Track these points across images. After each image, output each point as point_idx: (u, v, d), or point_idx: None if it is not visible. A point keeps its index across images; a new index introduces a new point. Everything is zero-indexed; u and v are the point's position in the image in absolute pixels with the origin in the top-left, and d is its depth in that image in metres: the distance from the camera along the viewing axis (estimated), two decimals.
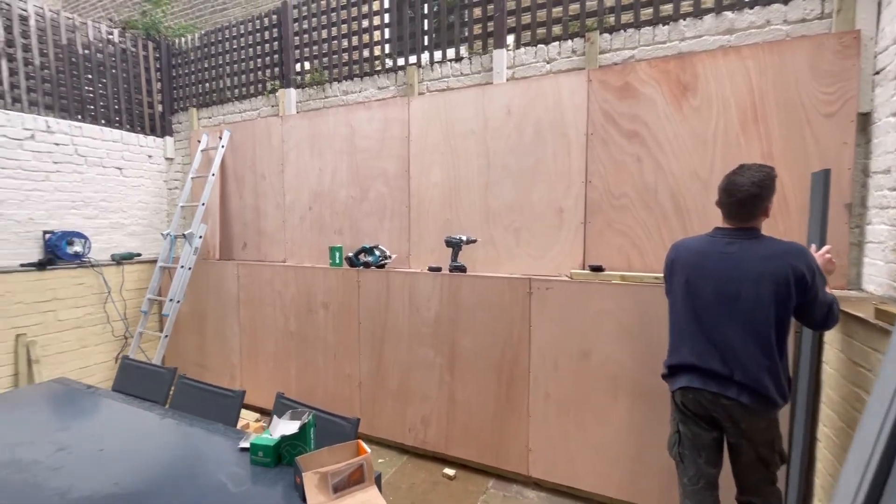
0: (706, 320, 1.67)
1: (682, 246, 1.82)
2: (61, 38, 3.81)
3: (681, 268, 1.77)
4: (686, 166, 2.41)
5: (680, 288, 1.75)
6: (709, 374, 1.65)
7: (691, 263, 1.73)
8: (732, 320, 1.61)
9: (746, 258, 1.62)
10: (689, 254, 1.76)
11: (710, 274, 1.67)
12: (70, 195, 3.81)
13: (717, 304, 1.64)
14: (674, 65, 2.40)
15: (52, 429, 1.84)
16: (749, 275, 1.59)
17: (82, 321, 3.80)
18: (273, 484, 1.48)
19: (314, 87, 3.74)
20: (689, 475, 1.73)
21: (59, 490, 1.41)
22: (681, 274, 1.76)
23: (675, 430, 1.80)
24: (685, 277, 1.74)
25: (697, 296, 1.69)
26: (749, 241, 1.64)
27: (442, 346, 2.85)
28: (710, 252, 1.69)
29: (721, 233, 1.72)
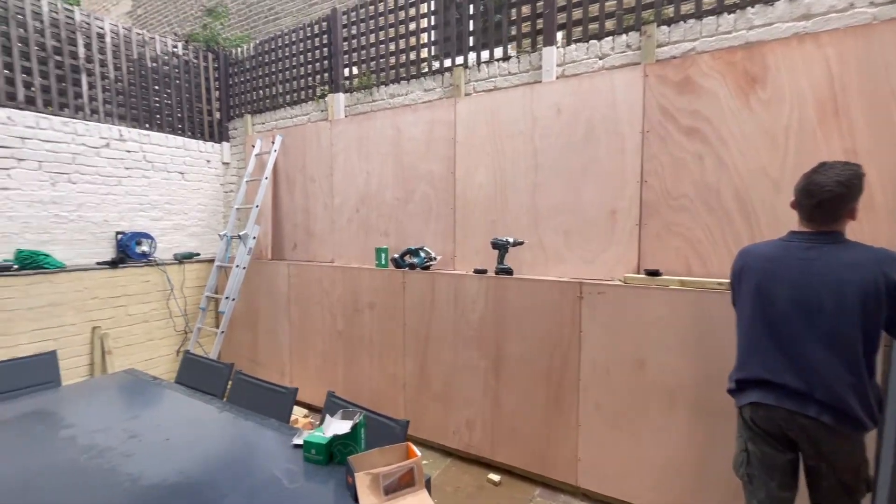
0: (781, 332, 1.54)
1: (751, 252, 1.69)
2: (133, 53, 4.10)
3: (751, 276, 1.64)
4: (753, 164, 2.24)
5: (750, 297, 1.63)
6: (784, 391, 1.52)
7: (763, 271, 1.61)
8: (811, 333, 1.47)
9: (828, 265, 1.48)
10: (760, 261, 1.63)
11: (785, 282, 1.54)
12: (139, 198, 4.09)
13: (793, 315, 1.51)
14: (741, 56, 2.25)
15: (124, 417, 1.96)
16: (831, 283, 1.45)
17: (148, 316, 4.06)
18: (325, 482, 1.50)
19: (362, 92, 3.81)
20: (759, 498, 1.60)
21: (131, 476, 1.50)
22: (751, 282, 1.63)
23: (743, 449, 1.67)
24: (756, 286, 1.61)
25: (770, 306, 1.56)
26: (831, 247, 1.50)
27: (487, 350, 2.81)
28: (786, 258, 1.56)
29: (798, 237, 1.58)
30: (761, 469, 1.60)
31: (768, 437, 1.58)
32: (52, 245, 3.55)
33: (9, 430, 1.84)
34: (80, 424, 1.87)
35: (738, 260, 1.72)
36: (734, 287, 1.73)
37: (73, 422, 1.90)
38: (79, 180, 3.69)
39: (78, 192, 3.68)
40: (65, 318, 3.53)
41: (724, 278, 2.24)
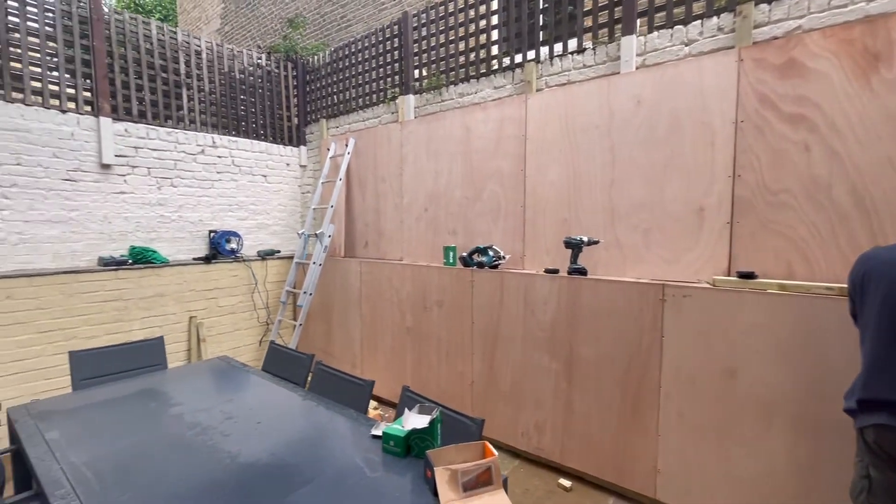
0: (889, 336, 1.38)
1: (876, 258, 1.50)
2: (224, 67, 4.48)
3: (878, 284, 1.45)
4: (874, 155, 1.97)
5: (877, 308, 1.44)
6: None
7: (875, 270, 1.46)
8: None
9: None
10: (886, 266, 1.45)
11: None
12: (228, 200, 4.46)
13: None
14: (859, 31, 1.98)
15: (221, 399, 2.15)
16: None
17: (235, 308, 4.42)
18: (403, 473, 1.54)
19: (431, 92, 3.87)
20: None
21: (230, 454, 1.63)
22: (879, 292, 1.44)
23: (865, 475, 1.48)
24: (885, 296, 1.42)
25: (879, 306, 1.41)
26: None
27: (559, 352, 2.74)
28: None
29: None
30: (887, 498, 1.42)
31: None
32: (158, 242, 3.98)
33: (128, 405, 2.09)
34: (186, 403, 2.07)
35: (860, 266, 1.54)
36: (856, 296, 1.54)
37: (179, 401, 2.11)
38: (179, 184, 4.10)
39: (178, 194, 4.09)
40: (167, 308, 3.94)
41: (832, 282, 2.01)
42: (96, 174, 3.61)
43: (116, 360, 2.58)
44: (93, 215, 3.60)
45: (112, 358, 2.57)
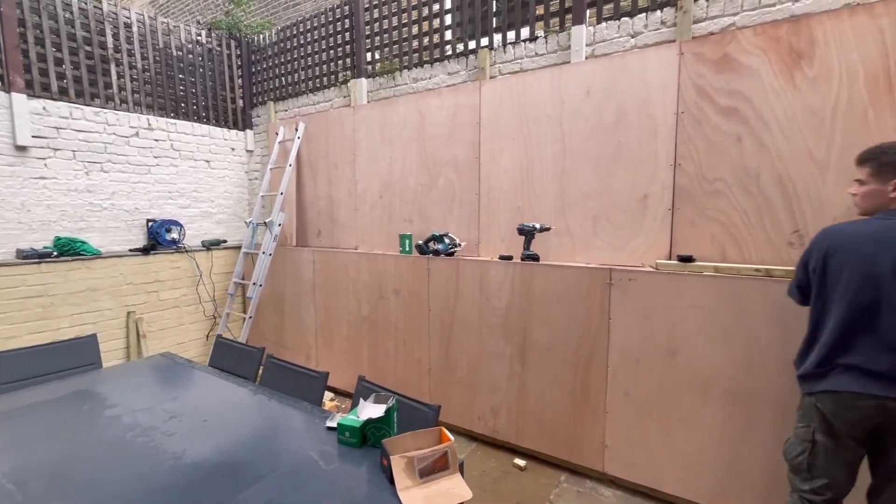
0: (879, 316, 1.45)
1: (840, 232, 1.57)
2: (158, 42, 4.14)
3: (842, 257, 1.52)
4: (797, 147, 2.14)
5: (842, 278, 1.51)
6: (873, 376, 1.44)
7: (859, 252, 1.49)
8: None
9: None
10: (854, 240, 1.52)
11: (886, 263, 1.44)
12: (167, 186, 4.18)
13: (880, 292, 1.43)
14: (785, 30, 2.13)
15: (164, 398, 2.03)
16: None
17: (179, 301, 4.18)
18: (359, 464, 1.52)
19: (384, 76, 3.78)
20: (814, 486, 1.55)
21: (174, 454, 1.55)
22: (842, 263, 1.52)
23: (808, 440, 1.58)
24: (849, 267, 1.50)
25: (867, 288, 1.46)
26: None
27: (513, 337, 2.80)
28: (887, 238, 1.46)
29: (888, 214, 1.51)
30: (829, 462, 1.54)
31: (849, 429, 1.50)
32: (88, 232, 3.66)
33: (57, 408, 1.93)
34: (124, 404, 1.94)
35: (823, 239, 1.59)
36: (811, 269, 1.60)
37: (116, 402, 1.97)
38: (111, 169, 3.78)
39: (110, 180, 3.78)
40: (102, 303, 3.66)
41: (760, 264, 2.17)
42: (10, 157, 3.26)
43: (42, 360, 2.36)
44: (7, 203, 3.25)
45: (37, 359, 2.35)
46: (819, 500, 1.55)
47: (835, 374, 1.51)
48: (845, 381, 1.48)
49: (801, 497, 1.59)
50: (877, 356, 1.44)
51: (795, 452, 1.63)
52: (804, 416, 1.62)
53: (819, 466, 1.56)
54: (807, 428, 1.60)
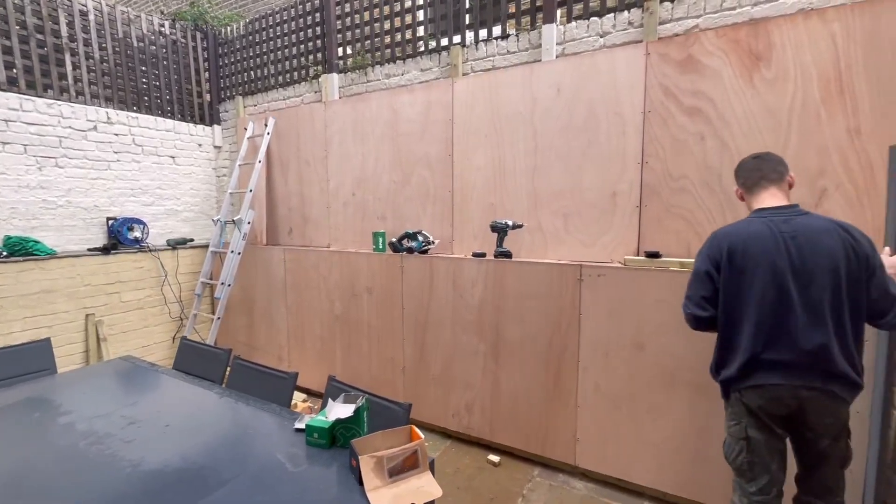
0: (783, 310, 1.49)
1: (732, 233, 1.59)
2: (118, 32, 3.96)
3: (741, 255, 1.55)
4: (756, 145, 2.21)
5: (745, 279, 1.54)
6: (789, 366, 1.49)
7: (754, 251, 1.53)
8: (809, 306, 1.46)
9: (808, 236, 1.48)
10: (747, 240, 1.54)
11: (778, 259, 1.49)
12: (129, 183, 4.00)
13: (790, 291, 1.48)
14: (745, 33, 2.20)
15: (123, 403, 1.94)
16: (816, 253, 1.46)
17: (143, 302, 4.02)
18: (328, 465, 1.50)
19: (356, 72, 3.72)
20: (760, 485, 1.58)
21: (132, 462, 1.48)
22: (743, 264, 1.54)
23: (742, 437, 1.60)
24: (751, 267, 1.53)
25: (769, 285, 1.50)
26: (802, 217, 1.52)
27: (486, 333, 2.81)
28: (772, 236, 1.51)
29: (770, 212, 1.56)
30: (763, 455, 1.58)
31: (773, 420, 1.55)
32: (42, 231, 3.48)
33: (6, 417, 1.82)
34: (78, 411, 1.85)
35: (720, 241, 1.60)
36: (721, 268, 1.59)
37: (70, 408, 1.88)
38: (66, 164, 3.59)
39: (66, 176, 3.59)
40: (57, 306, 3.48)
41: None
42: None
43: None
44: None
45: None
46: (767, 499, 1.58)
47: (758, 370, 1.54)
48: (766, 375, 1.52)
49: (751, 501, 1.60)
50: (787, 349, 1.49)
51: (735, 453, 1.63)
52: (733, 414, 1.64)
53: (758, 463, 1.58)
54: (738, 425, 1.62)
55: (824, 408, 1.49)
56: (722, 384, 1.66)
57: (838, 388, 1.46)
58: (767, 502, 1.58)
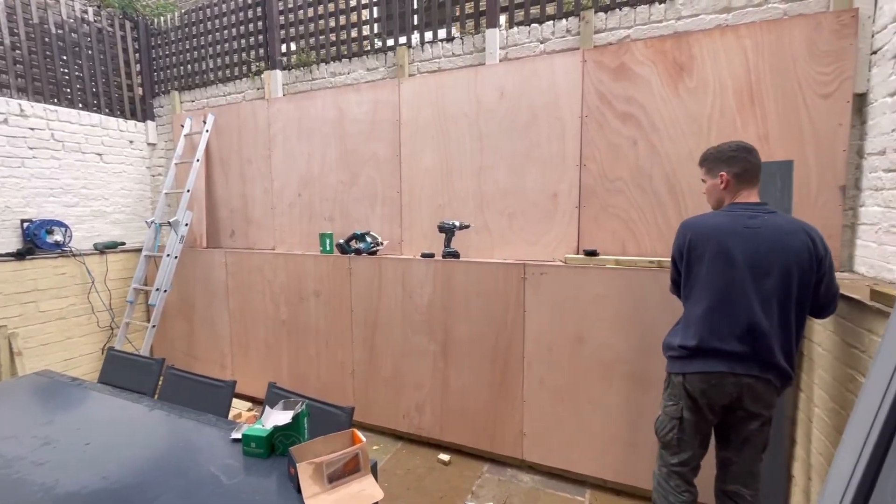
0: (733, 300, 1.57)
1: (697, 224, 1.68)
2: (32, 17, 3.62)
3: (705, 246, 1.62)
4: (682, 149, 2.38)
5: (705, 267, 1.62)
6: (732, 356, 1.58)
7: (714, 241, 1.61)
8: (757, 297, 1.55)
9: (772, 233, 1.56)
10: (709, 231, 1.63)
11: (738, 250, 1.57)
12: (48, 182, 3.68)
13: (746, 281, 1.55)
14: (670, 45, 2.36)
15: (37, 423, 1.78)
16: (777, 250, 1.54)
17: (65, 312, 3.70)
18: (266, 475, 1.45)
19: (301, 69, 3.63)
20: (682, 458, 1.72)
21: (44, 485, 1.36)
22: (706, 252, 1.62)
23: (677, 417, 1.70)
24: (713, 255, 1.61)
25: (725, 275, 1.58)
26: (770, 216, 1.59)
27: (436, 333, 2.83)
28: (734, 229, 1.59)
29: (740, 207, 1.63)
30: (692, 433, 1.70)
31: (710, 405, 1.65)
32: None
33: None
34: None
35: (685, 232, 1.70)
36: (682, 259, 1.70)
37: None
38: None
39: None
40: None
41: (656, 257, 2.39)
42: None
43: None
44: None
45: None
46: (686, 471, 1.73)
47: (703, 357, 1.62)
48: (712, 363, 1.60)
49: (670, 471, 1.74)
50: (734, 337, 1.57)
51: (666, 429, 1.73)
52: (672, 395, 1.73)
53: (685, 440, 1.71)
54: (675, 406, 1.71)
55: (760, 395, 1.59)
56: (670, 360, 1.74)
57: (774, 377, 1.57)
58: (685, 473, 1.72)
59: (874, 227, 1.93)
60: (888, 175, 1.82)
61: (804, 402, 2.03)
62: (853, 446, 1.21)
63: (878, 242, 1.88)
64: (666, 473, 1.76)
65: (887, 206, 1.82)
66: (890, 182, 1.81)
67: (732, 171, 1.66)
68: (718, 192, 1.71)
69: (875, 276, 1.90)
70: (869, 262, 1.96)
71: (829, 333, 1.82)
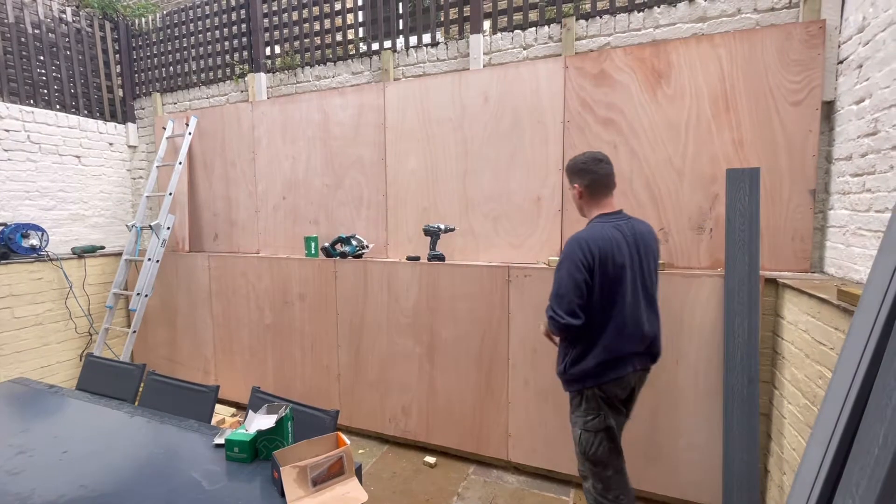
0: (632, 306, 1.67)
1: (596, 238, 1.66)
2: (7, 16, 3.54)
3: (612, 261, 1.63)
4: (660, 154, 2.44)
5: (616, 281, 1.65)
6: (638, 355, 1.73)
7: (615, 255, 1.64)
8: (642, 296, 1.72)
9: (641, 237, 1.73)
10: (611, 246, 1.64)
11: (629, 260, 1.66)
12: (24, 185, 3.59)
13: (633, 284, 1.68)
14: (649, 52, 2.42)
15: (11, 431, 1.74)
16: (648, 252, 1.74)
17: (42, 318, 3.61)
18: (250, 480, 1.44)
19: (285, 72, 3.62)
20: (616, 466, 1.75)
21: (19, 495, 1.34)
22: (613, 268, 1.64)
23: (603, 428, 1.71)
24: (618, 270, 1.64)
25: (630, 284, 1.66)
26: (633, 221, 1.77)
27: (421, 336, 2.84)
28: (617, 237, 1.66)
29: (610, 217, 1.73)
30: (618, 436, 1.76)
31: (620, 402, 1.74)
32: None
33: None
34: None
35: (590, 248, 1.63)
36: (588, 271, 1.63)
37: None
38: None
39: None
40: None
41: None
42: None
43: None
44: None
45: None
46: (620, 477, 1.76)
47: (618, 366, 1.68)
48: (623, 367, 1.69)
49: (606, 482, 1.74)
50: (639, 340, 1.70)
51: (595, 445, 1.71)
52: (590, 409, 1.72)
53: (614, 448, 1.73)
54: (598, 418, 1.71)
55: (644, 381, 1.85)
56: (577, 381, 1.72)
57: (651, 364, 1.81)
58: (621, 480, 1.76)
59: (842, 230, 2.00)
60: (855, 179, 1.90)
61: (778, 399, 2.10)
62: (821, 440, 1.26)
63: (846, 244, 1.96)
64: (603, 489, 1.74)
65: (854, 209, 1.90)
66: (856, 186, 1.88)
67: (584, 183, 1.78)
68: (578, 201, 1.84)
69: (843, 276, 1.98)
70: (838, 262, 2.04)
71: (801, 332, 1.89)
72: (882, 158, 1.69)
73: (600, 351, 1.67)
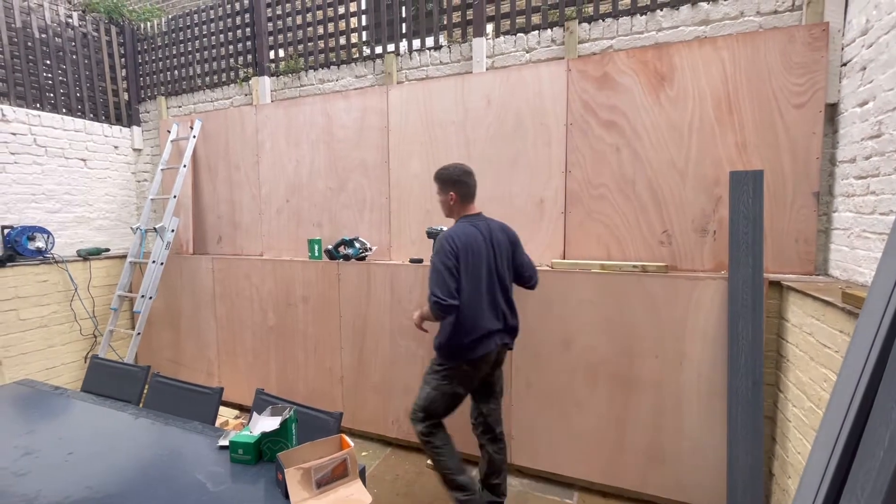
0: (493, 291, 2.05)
1: (460, 235, 2.01)
2: (14, 21, 3.58)
3: (472, 253, 2.00)
4: (663, 157, 2.44)
5: (474, 269, 2.00)
6: (496, 333, 2.06)
7: (477, 247, 2.02)
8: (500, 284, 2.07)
9: (495, 233, 2.09)
10: (471, 240, 2.01)
11: (485, 252, 2.03)
12: (30, 188, 3.62)
13: (493, 274, 2.05)
14: (651, 55, 2.42)
15: (17, 433, 1.75)
16: (500, 246, 2.08)
17: (47, 320, 3.63)
18: (254, 481, 1.45)
19: (289, 76, 3.64)
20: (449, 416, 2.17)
21: (25, 496, 1.35)
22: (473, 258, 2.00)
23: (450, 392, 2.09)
24: (476, 260, 2.00)
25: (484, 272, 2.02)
26: (490, 221, 2.13)
27: (424, 338, 2.84)
28: (476, 234, 2.03)
29: (471, 219, 2.09)
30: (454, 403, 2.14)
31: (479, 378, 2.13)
32: None
33: None
34: None
35: (456, 243, 1.99)
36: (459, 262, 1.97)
37: None
38: None
39: None
40: None
41: (638, 261, 2.44)
42: None
43: None
44: None
45: None
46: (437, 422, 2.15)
47: (483, 341, 2.02)
48: (489, 344, 2.03)
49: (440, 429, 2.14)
50: (499, 319, 2.07)
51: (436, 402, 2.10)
52: (448, 377, 2.08)
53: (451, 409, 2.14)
54: (449, 384, 2.08)
55: (505, 355, 2.23)
56: (451, 353, 2.05)
57: (511, 340, 2.16)
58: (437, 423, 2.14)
59: (847, 232, 2.00)
60: (859, 182, 1.90)
61: (782, 402, 2.09)
62: (826, 443, 1.26)
63: (850, 247, 1.95)
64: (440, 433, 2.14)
65: (858, 211, 1.89)
66: (861, 188, 1.88)
67: (459, 192, 2.11)
68: (449, 206, 2.16)
69: (848, 278, 1.97)
70: (842, 265, 2.03)
71: (805, 335, 1.88)
72: (886, 161, 1.69)
73: (474, 328, 2.00)
